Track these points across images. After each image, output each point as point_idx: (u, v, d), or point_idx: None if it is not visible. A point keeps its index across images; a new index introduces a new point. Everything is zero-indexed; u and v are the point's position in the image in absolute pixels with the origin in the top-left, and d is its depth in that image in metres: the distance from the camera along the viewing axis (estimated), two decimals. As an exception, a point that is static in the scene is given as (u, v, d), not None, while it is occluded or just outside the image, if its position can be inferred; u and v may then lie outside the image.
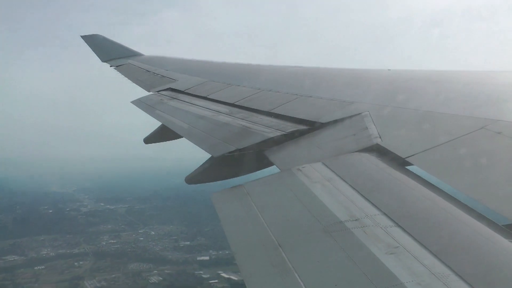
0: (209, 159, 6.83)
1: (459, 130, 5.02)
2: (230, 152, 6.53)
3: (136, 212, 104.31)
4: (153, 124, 10.08)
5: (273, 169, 5.91)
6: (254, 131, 6.90)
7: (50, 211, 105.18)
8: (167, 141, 10.03)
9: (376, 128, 5.66)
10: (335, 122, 6.34)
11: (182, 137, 8.37)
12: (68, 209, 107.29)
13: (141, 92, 12.25)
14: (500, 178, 4.17)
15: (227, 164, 6.70)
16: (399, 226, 3.73)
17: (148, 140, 10.43)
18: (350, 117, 6.29)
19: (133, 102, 11.55)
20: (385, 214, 3.94)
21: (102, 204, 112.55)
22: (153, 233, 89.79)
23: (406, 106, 6.27)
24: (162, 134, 9.95)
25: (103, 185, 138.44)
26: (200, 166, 6.95)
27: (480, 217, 3.71)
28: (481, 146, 4.67)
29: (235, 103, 8.66)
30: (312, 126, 6.46)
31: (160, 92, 11.60)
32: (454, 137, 4.90)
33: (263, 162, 6.34)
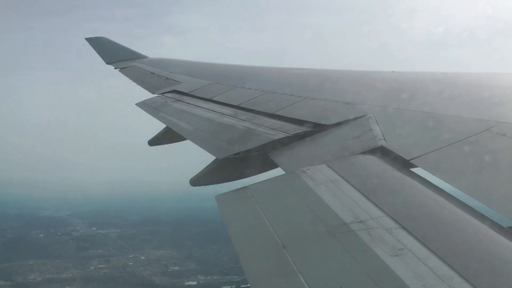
0: (214, 161, 6.84)
1: (464, 132, 5.02)
2: (234, 154, 6.54)
3: (128, 237, 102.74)
4: (157, 126, 10.09)
5: (277, 171, 5.91)
6: (259, 133, 6.90)
7: (41, 235, 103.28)
8: (172, 143, 10.03)
9: (380, 130, 5.66)
10: (339, 124, 6.34)
11: (186, 139, 8.38)
12: (59, 234, 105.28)
13: (146, 94, 12.28)
14: (504, 180, 4.16)
15: (232, 166, 6.70)
16: (403, 228, 3.72)
17: (153, 142, 10.43)
18: (355, 119, 6.29)
19: (137, 104, 11.57)
20: (389, 216, 3.93)
21: (94, 228, 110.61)
22: (143, 258, 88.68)
23: (410, 108, 6.27)
24: (167, 136, 9.95)
25: (98, 209, 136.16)
26: (205, 168, 6.96)
27: (485, 219, 3.71)
28: (486, 148, 4.66)
29: (240, 105, 8.66)
30: (316, 128, 6.46)
31: (164, 94, 11.62)
32: (459, 139, 4.90)
33: (268, 164, 6.34)
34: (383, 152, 5.17)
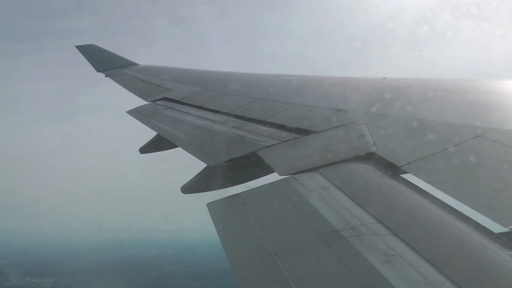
0: (205, 168, 6.82)
1: (455, 139, 5.04)
2: (225, 161, 6.53)
3: (62, 286, 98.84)
4: (149, 134, 10.04)
5: (269, 178, 5.90)
6: (250, 140, 6.89)
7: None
8: (163, 151, 9.99)
9: (371, 137, 5.66)
10: (331, 130, 6.34)
11: (177, 146, 8.36)
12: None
13: (137, 102, 12.22)
14: (495, 186, 4.18)
15: (223, 173, 6.69)
16: (394, 234, 3.72)
17: (144, 150, 10.39)
18: (346, 125, 6.30)
19: (128, 112, 11.52)
20: (380, 222, 3.93)
21: (29, 278, 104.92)
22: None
23: (401, 115, 6.29)
24: (158, 144, 9.92)
25: (39, 258, 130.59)
26: (196, 175, 6.94)
27: (475, 225, 3.71)
28: (476, 154, 4.68)
29: (231, 112, 8.65)
30: (307, 135, 6.46)
31: (155, 102, 11.58)
32: (450, 145, 4.92)
33: (259, 171, 6.33)
34: (374, 159, 5.17)
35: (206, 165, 6.77)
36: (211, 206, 5.44)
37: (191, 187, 6.90)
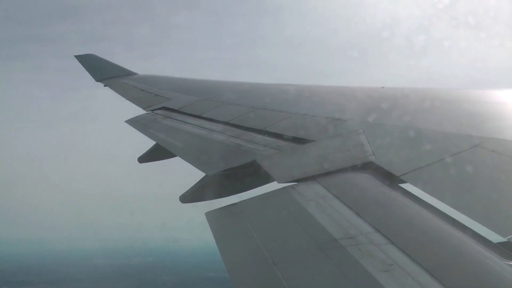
0: (203, 177, 6.82)
1: (453, 148, 5.04)
2: (224, 171, 6.52)
3: None
4: (148, 143, 10.04)
5: (267, 187, 5.89)
6: (248, 149, 6.89)
7: None
8: (161, 160, 9.98)
9: (370, 146, 5.67)
10: (329, 139, 6.35)
11: (176, 156, 8.36)
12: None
13: (136, 111, 12.21)
14: (493, 196, 4.18)
15: (221, 182, 6.68)
16: (393, 243, 3.72)
17: (142, 159, 10.37)
18: (345, 134, 6.31)
19: (127, 121, 11.52)
20: (379, 231, 3.93)
21: None
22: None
23: (400, 124, 6.29)
24: (156, 153, 9.91)
25: (24, 266, 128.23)
26: (194, 185, 6.93)
27: (474, 234, 3.71)
28: (474, 164, 4.68)
29: (229, 122, 8.66)
30: (306, 144, 6.47)
31: (154, 111, 11.59)
32: (448, 155, 4.92)
33: (257, 181, 6.33)
34: (372, 168, 5.17)
35: (204, 174, 6.77)
36: (209, 215, 5.44)
37: (189, 197, 6.89)
